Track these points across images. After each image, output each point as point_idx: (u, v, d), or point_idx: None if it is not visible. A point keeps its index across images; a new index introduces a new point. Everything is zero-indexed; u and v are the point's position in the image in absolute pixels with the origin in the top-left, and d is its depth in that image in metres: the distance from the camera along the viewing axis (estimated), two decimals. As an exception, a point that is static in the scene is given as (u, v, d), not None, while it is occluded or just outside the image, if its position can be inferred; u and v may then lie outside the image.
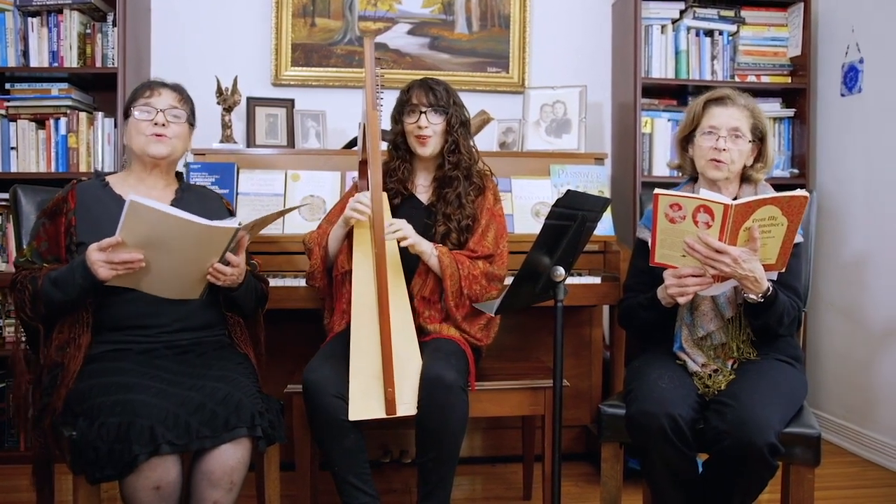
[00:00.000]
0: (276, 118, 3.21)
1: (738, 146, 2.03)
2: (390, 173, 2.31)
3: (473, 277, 2.17)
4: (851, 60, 3.22)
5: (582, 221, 1.89)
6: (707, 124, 2.06)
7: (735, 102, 2.06)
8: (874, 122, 3.10)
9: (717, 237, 1.75)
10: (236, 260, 1.90)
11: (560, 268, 1.89)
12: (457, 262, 2.15)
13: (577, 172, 3.03)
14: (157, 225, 1.71)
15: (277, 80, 3.39)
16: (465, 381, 2.03)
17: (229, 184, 2.80)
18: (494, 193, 2.34)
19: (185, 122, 2.05)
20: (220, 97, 3.07)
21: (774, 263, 1.83)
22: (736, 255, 1.75)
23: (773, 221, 1.74)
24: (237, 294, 2.01)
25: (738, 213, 1.70)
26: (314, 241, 2.26)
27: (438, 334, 2.14)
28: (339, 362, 2.00)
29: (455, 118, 2.24)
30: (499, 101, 3.48)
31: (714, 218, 1.72)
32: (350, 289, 2.11)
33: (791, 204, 1.71)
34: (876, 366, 3.06)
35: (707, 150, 2.04)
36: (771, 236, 1.77)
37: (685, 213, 1.75)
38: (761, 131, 2.08)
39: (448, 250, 2.18)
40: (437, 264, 2.16)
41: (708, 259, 1.77)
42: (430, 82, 2.25)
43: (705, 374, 1.95)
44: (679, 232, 1.78)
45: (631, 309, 2.13)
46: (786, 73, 3.46)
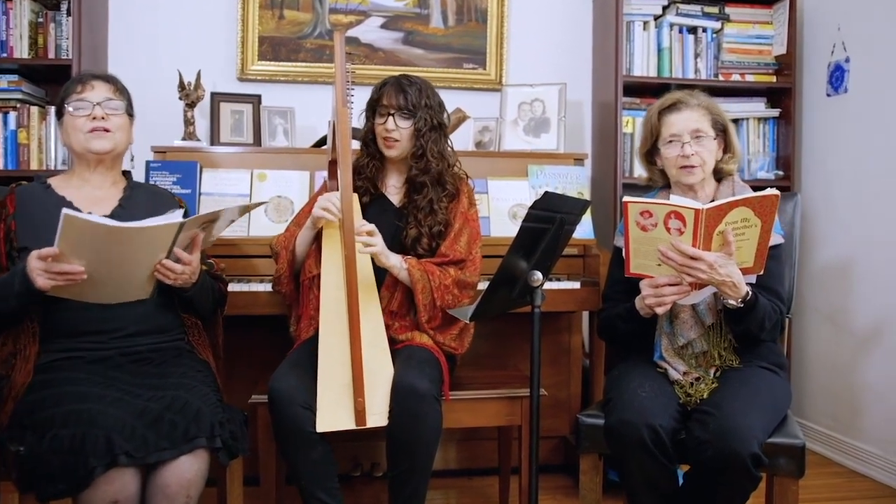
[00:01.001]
0: (241, 115, 3.19)
1: (704, 146, 2.07)
2: (359, 170, 2.32)
3: (445, 288, 2.17)
4: (837, 60, 3.28)
5: (560, 224, 1.91)
6: (667, 134, 2.10)
7: (688, 105, 2.10)
8: (860, 124, 3.16)
9: (690, 243, 1.77)
10: (187, 257, 1.87)
11: (537, 272, 1.90)
12: (427, 274, 2.16)
13: (555, 173, 3.05)
14: (95, 236, 1.69)
15: (243, 75, 3.38)
16: (438, 390, 2.03)
17: (191, 183, 2.78)
18: (469, 197, 2.35)
19: (125, 114, 2.03)
20: (183, 92, 3.05)
21: (752, 266, 1.86)
22: (711, 260, 1.78)
23: (746, 223, 1.77)
24: (191, 294, 1.99)
25: (710, 217, 1.73)
26: (281, 244, 2.25)
27: (411, 342, 2.14)
28: (307, 371, 1.99)
29: (425, 122, 2.23)
30: (475, 99, 3.50)
31: (686, 224, 1.75)
32: (318, 294, 2.10)
33: (762, 204, 1.75)
34: (862, 373, 3.12)
35: (675, 159, 2.08)
36: (745, 239, 1.80)
37: (656, 220, 1.77)
38: (722, 124, 2.13)
39: (417, 261, 2.19)
40: (407, 278, 2.16)
41: (683, 266, 1.80)
42: (404, 82, 2.24)
43: (686, 383, 1.98)
44: (652, 240, 1.81)
45: (609, 320, 2.15)
46: (771, 72, 3.51)
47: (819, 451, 3.32)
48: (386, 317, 2.17)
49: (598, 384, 2.81)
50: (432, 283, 2.15)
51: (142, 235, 1.74)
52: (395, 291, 2.19)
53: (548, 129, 3.27)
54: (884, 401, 2.99)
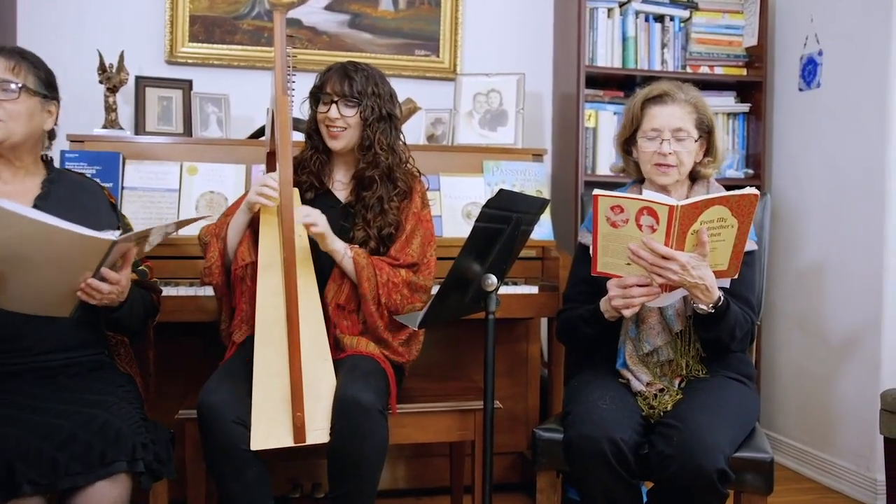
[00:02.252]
0: (170, 101, 3.15)
1: (684, 147, 2.09)
2: (303, 164, 2.31)
3: (394, 286, 2.17)
4: (810, 52, 3.37)
5: (517, 224, 1.92)
6: (648, 127, 2.12)
7: (675, 99, 2.12)
8: (834, 120, 3.24)
9: (662, 242, 1.80)
10: (115, 277, 1.80)
11: (492, 276, 1.92)
12: (374, 267, 2.16)
13: (513, 170, 3.07)
14: (15, 230, 1.61)
15: (172, 58, 3.33)
16: (384, 403, 2.03)
17: (113, 176, 2.73)
18: (422, 197, 2.35)
19: (25, 95, 1.86)
20: (103, 75, 3.00)
21: (726, 269, 1.89)
22: (684, 261, 1.81)
23: (722, 223, 1.80)
24: (120, 314, 1.93)
25: (685, 214, 1.76)
26: (211, 232, 2.23)
27: (355, 350, 2.14)
28: (240, 383, 1.98)
29: (372, 111, 2.23)
30: (427, 89, 3.50)
31: (659, 221, 1.77)
32: (252, 286, 2.09)
33: (741, 203, 1.78)
34: (835, 383, 3.20)
35: (651, 155, 2.11)
36: (721, 240, 1.83)
37: (628, 216, 1.79)
38: (707, 125, 2.15)
39: (365, 252, 2.19)
40: (350, 266, 2.16)
41: (654, 266, 1.82)
42: (349, 69, 2.24)
43: (650, 394, 2.01)
44: (622, 237, 1.83)
45: (570, 322, 2.17)
46: (741, 65, 3.59)
47: (789, 465, 3.40)
48: (332, 311, 2.16)
49: (557, 395, 2.84)
50: (378, 279, 2.15)
51: (69, 239, 1.66)
52: (343, 283, 2.19)
53: (505, 123, 3.29)
54: (858, 413, 3.06)
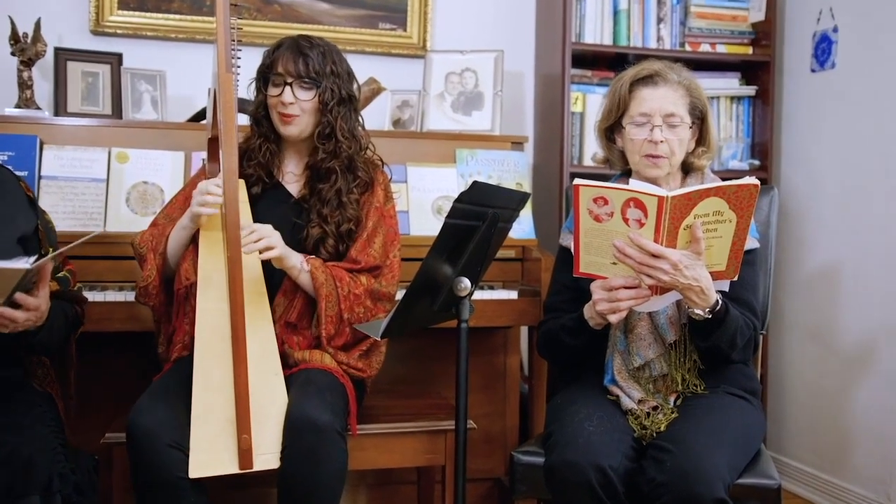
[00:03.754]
0: (96, 78, 3.12)
1: (676, 135, 2.11)
2: (250, 154, 2.30)
3: (355, 297, 2.18)
4: (824, 29, 3.40)
5: (493, 221, 1.93)
6: (636, 112, 2.13)
7: (667, 80, 2.13)
8: (850, 104, 3.28)
9: (652, 237, 1.81)
10: (33, 303, 1.79)
11: (465, 279, 1.92)
12: (335, 279, 2.16)
13: (489, 159, 3.08)
14: None
15: (99, 27, 3.30)
16: (342, 423, 2.03)
17: (29, 164, 2.71)
18: (385, 189, 2.35)
19: None
20: (16, 46, 2.96)
21: (724, 270, 1.91)
22: (676, 259, 1.82)
23: (718, 217, 1.81)
24: (38, 339, 1.92)
25: (676, 207, 1.77)
26: (147, 244, 2.21)
27: (308, 364, 2.14)
28: (178, 402, 1.97)
29: (331, 94, 2.23)
30: (393, 67, 3.50)
31: (647, 214, 1.78)
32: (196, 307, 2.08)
33: (739, 195, 1.79)
34: (850, 400, 3.23)
35: (640, 144, 2.12)
36: (718, 236, 1.85)
37: (612, 208, 1.80)
38: (700, 111, 2.17)
39: (323, 263, 2.19)
40: (308, 282, 2.16)
41: (642, 266, 1.84)
42: (303, 45, 2.24)
43: (642, 413, 2.02)
44: (607, 233, 1.84)
45: (552, 334, 2.18)
46: (746, 42, 3.63)
47: (799, 492, 3.44)
48: (281, 329, 2.16)
49: (538, 414, 2.85)
50: (339, 292, 2.15)
51: None
52: (295, 299, 2.19)
53: (481, 106, 3.30)
54: (875, 434, 3.10)
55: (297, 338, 2.19)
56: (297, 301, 2.19)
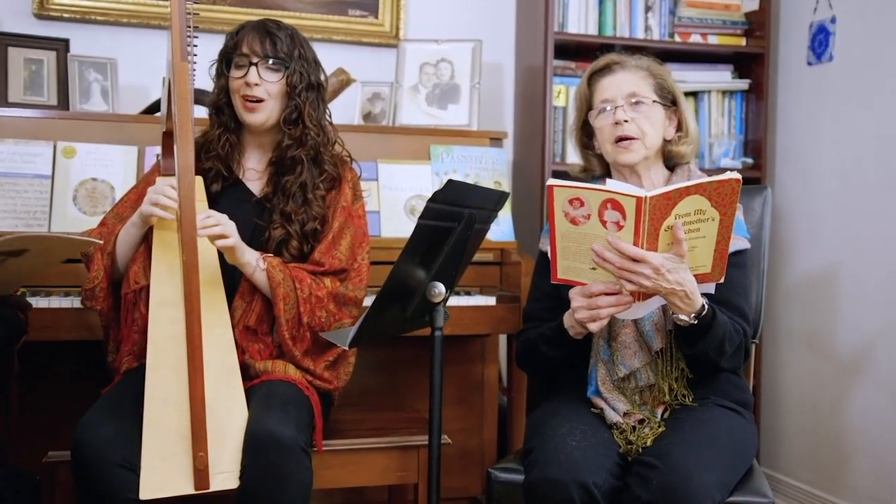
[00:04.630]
0: (40, 66, 3.09)
1: (642, 113, 2.15)
2: (208, 147, 2.29)
3: (317, 300, 2.17)
4: (821, 19, 3.43)
5: (469, 222, 1.93)
6: (598, 100, 2.19)
7: (625, 66, 2.20)
8: (848, 99, 3.30)
9: (631, 240, 1.82)
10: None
11: (439, 284, 1.92)
12: (294, 280, 2.16)
13: (466, 156, 3.09)
14: None
15: (43, 10, 3.27)
16: (307, 438, 2.03)
17: (-34, 159, 2.70)
18: (354, 187, 2.35)
19: None
20: (-50, 31, 2.94)
21: (710, 272, 1.92)
22: (657, 263, 1.82)
23: (701, 216, 1.82)
24: None
25: (656, 207, 1.78)
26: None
27: (271, 375, 2.13)
28: (128, 417, 1.95)
29: (300, 77, 2.24)
30: (363, 57, 3.50)
31: (626, 216, 1.79)
32: (147, 313, 2.06)
33: (720, 191, 1.81)
34: (848, 412, 3.25)
35: (608, 130, 2.16)
36: (701, 236, 1.85)
37: (589, 210, 1.81)
38: (671, 92, 2.22)
39: (281, 262, 2.18)
40: (264, 281, 2.15)
41: (622, 271, 1.84)
42: (270, 25, 2.24)
43: (628, 427, 2.03)
44: (584, 236, 1.85)
45: (531, 344, 2.19)
46: (739, 33, 3.66)
47: (794, 512, 3.47)
48: (239, 335, 2.15)
49: (518, 428, 2.86)
50: (299, 294, 2.15)
51: None
52: (254, 301, 2.18)
53: (457, 100, 3.31)
54: (875, 448, 3.12)
55: (258, 345, 2.19)
56: (255, 304, 2.18)
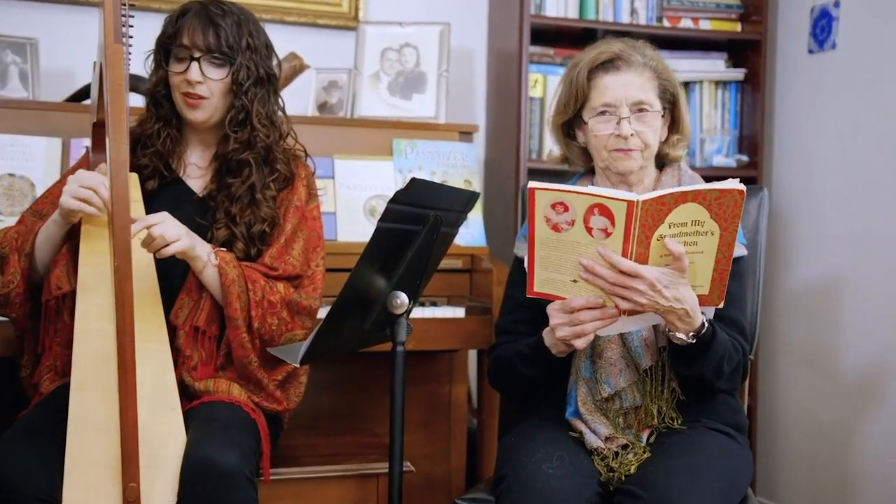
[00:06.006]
0: (-52, 46, 3.07)
1: (647, 124, 2.12)
2: (145, 141, 2.28)
3: (270, 305, 2.16)
4: (823, 3, 3.46)
5: (435, 225, 1.92)
6: (599, 102, 2.14)
7: (631, 63, 2.14)
8: (853, 91, 3.33)
9: (619, 249, 1.81)
10: None
11: (401, 294, 1.91)
12: (247, 280, 2.14)
13: (433, 151, 3.09)
14: None
15: (-47, -15, 3.25)
16: (253, 466, 2.01)
17: None
18: (308, 186, 2.35)
19: None
20: None
21: (707, 294, 1.90)
22: (653, 277, 1.81)
23: (699, 228, 1.80)
24: None
25: (648, 212, 1.77)
26: (11, 243, 2.17)
27: (212, 395, 2.12)
28: (49, 443, 1.93)
29: (247, 72, 2.22)
30: (319, 41, 3.50)
31: (615, 222, 1.78)
32: (71, 323, 2.04)
33: (721, 202, 1.78)
34: (853, 436, 3.27)
35: (606, 140, 2.13)
36: (698, 251, 1.83)
37: (574, 215, 1.80)
38: (672, 94, 2.20)
39: (234, 258, 2.17)
40: (215, 278, 2.14)
41: (615, 288, 1.83)
42: (214, 12, 2.22)
43: (610, 453, 2.02)
44: (567, 245, 1.83)
45: (505, 361, 2.18)
46: (734, 17, 3.68)
47: (794, 545, 3.49)
48: (183, 339, 2.14)
49: (489, 454, 2.85)
50: (251, 296, 2.14)
51: None
52: (202, 299, 2.16)
53: (423, 89, 3.30)
54: (882, 475, 3.14)
55: (201, 353, 2.16)
56: (204, 301, 2.16)
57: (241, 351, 2.15)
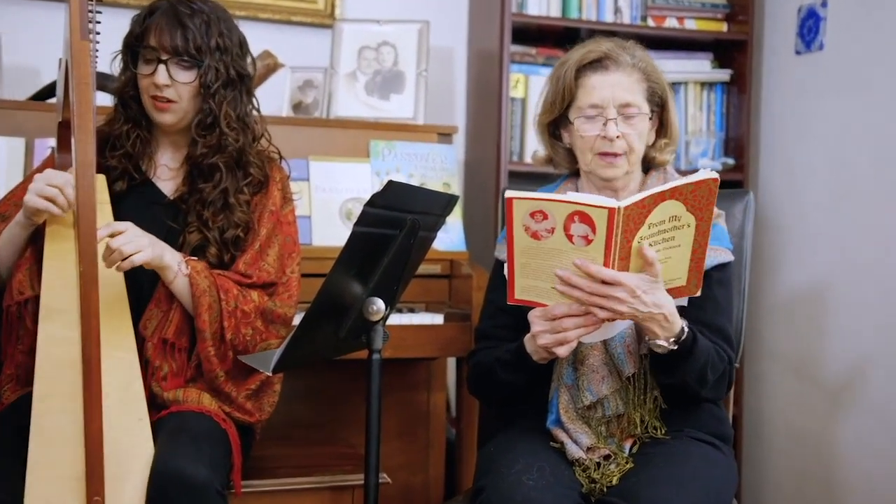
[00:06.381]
0: None
1: (634, 128, 2.12)
2: (114, 142, 2.27)
3: (243, 315, 2.15)
4: (811, 3, 3.47)
5: (413, 229, 1.92)
6: (586, 103, 2.14)
7: (620, 63, 2.14)
8: (840, 93, 3.34)
9: (601, 256, 1.81)
10: None
11: (378, 300, 1.91)
12: (219, 289, 2.13)
13: (411, 153, 3.09)
14: None
15: None
16: (223, 479, 2.01)
17: None
18: (283, 189, 2.35)
19: None
20: None
21: (685, 285, 1.92)
22: (633, 284, 1.82)
23: (676, 223, 1.83)
24: None
25: (630, 217, 1.77)
26: None
27: (182, 405, 2.10)
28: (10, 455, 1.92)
29: (217, 74, 2.21)
30: (293, 39, 3.50)
31: (595, 229, 1.78)
32: (33, 330, 2.03)
33: (696, 194, 1.80)
34: (841, 446, 3.27)
35: (592, 141, 2.13)
36: (675, 245, 1.86)
37: (553, 223, 1.80)
38: (661, 97, 2.20)
39: (206, 267, 2.16)
40: (185, 289, 2.13)
41: (594, 297, 1.83)
42: (182, 12, 2.20)
43: (592, 464, 2.02)
44: (547, 252, 1.84)
45: (484, 367, 2.17)
46: (720, 17, 3.69)
47: (780, 557, 3.49)
48: (152, 351, 2.13)
49: (468, 464, 2.86)
50: (224, 306, 2.13)
51: None
52: (172, 310, 2.16)
53: (401, 89, 3.30)
54: (869, 484, 3.15)
55: (172, 364, 2.16)
56: (174, 313, 2.15)
57: (208, 364, 2.14)
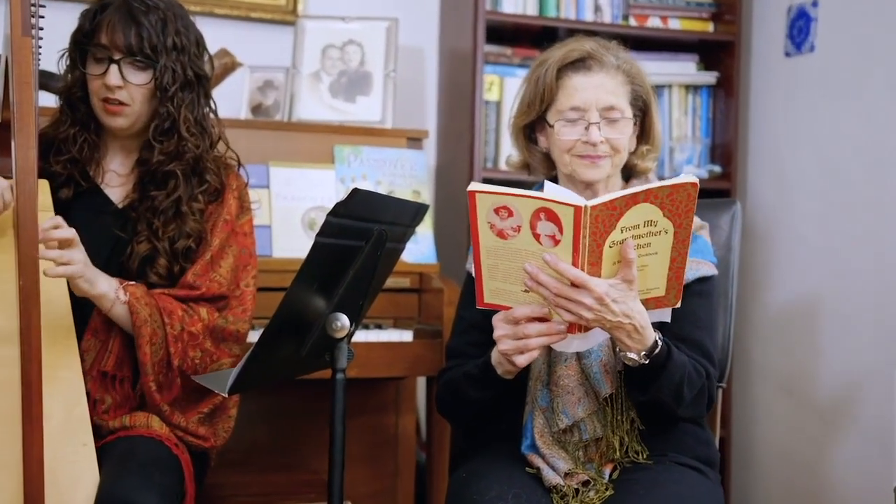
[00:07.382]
0: None
1: (618, 131, 2.13)
2: (59, 147, 2.26)
3: (191, 337, 2.14)
4: (801, 3, 3.49)
5: (379, 240, 1.91)
6: (566, 105, 2.13)
7: (604, 64, 2.14)
8: (832, 96, 3.36)
9: (569, 258, 1.80)
10: None
11: (342, 316, 1.89)
12: (161, 313, 2.12)
13: (379, 159, 3.08)
14: None
15: None
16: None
17: None
18: (240, 198, 2.34)
19: None
20: None
21: (664, 295, 1.91)
22: (601, 291, 1.80)
23: (652, 229, 1.81)
24: None
25: (598, 219, 1.76)
26: None
27: (130, 430, 2.09)
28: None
29: (173, 76, 2.20)
30: (253, 36, 3.50)
31: (562, 229, 1.77)
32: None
33: (674, 198, 1.79)
34: (832, 468, 3.28)
35: (573, 144, 2.13)
36: (652, 252, 1.84)
37: (519, 221, 1.79)
38: (644, 100, 2.20)
39: (147, 292, 2.14)
40: (125, 317, 2.10)
41: (559, 299, 1.82)
42: (136, 8, 2.19)
43: (570, 490, 2.01)
44: (514, 253, 1.83)
45: (453, 385, 2.17)
46: (706, 17, 3.71)
47: (770, 588, 3.50)
48: (91, 384, 2.11)
49: (438, 492, 2.84)
50: (168, 330, 2.11)
51: None
52: (110, 340, 2.14)
53: (368, 90, 3.30)
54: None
55: (116, 396, 2.14)
56: (112, 343, 2.14)
57: (151, 399, 2.13)
